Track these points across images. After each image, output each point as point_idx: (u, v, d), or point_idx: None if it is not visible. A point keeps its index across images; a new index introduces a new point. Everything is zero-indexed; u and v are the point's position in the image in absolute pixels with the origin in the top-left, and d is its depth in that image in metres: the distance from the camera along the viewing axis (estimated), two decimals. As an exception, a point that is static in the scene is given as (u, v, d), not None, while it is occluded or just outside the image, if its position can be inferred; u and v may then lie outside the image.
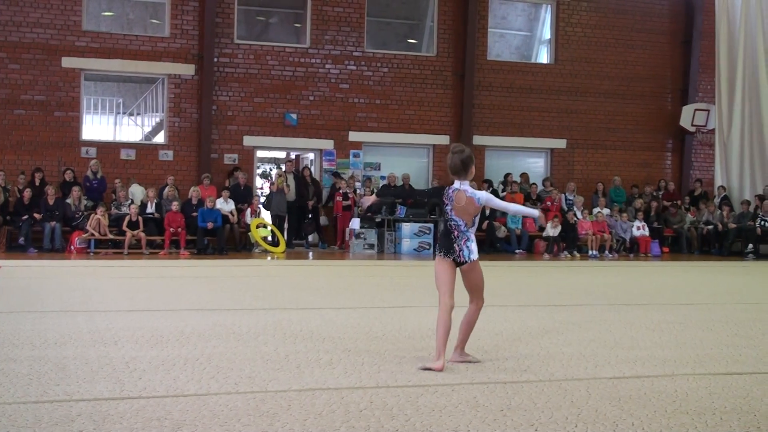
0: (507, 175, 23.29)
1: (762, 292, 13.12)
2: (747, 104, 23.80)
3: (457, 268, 6.38)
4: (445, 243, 6.38)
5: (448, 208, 6.40)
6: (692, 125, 25.12)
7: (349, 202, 21.18)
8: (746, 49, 23.79)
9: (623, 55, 25.09)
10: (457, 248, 6.33)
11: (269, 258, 18.56)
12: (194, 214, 19.22)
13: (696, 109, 25.12)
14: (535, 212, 7.02)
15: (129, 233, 18.43)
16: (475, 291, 6.49)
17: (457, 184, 6.45)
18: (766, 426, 4.84)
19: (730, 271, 16.97)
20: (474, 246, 6.38)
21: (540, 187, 23.39)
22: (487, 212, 20.72)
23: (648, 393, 5.52)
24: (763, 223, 21.25)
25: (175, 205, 19.08)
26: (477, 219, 6.44)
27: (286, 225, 21.27)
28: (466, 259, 6.35)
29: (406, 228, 20.43)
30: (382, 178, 22.83)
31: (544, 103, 24.36)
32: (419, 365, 6.15)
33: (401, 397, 5.27)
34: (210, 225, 18.94)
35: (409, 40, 24.94)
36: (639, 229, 21.99)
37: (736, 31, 24.17)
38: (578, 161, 24.74)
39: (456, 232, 6.35)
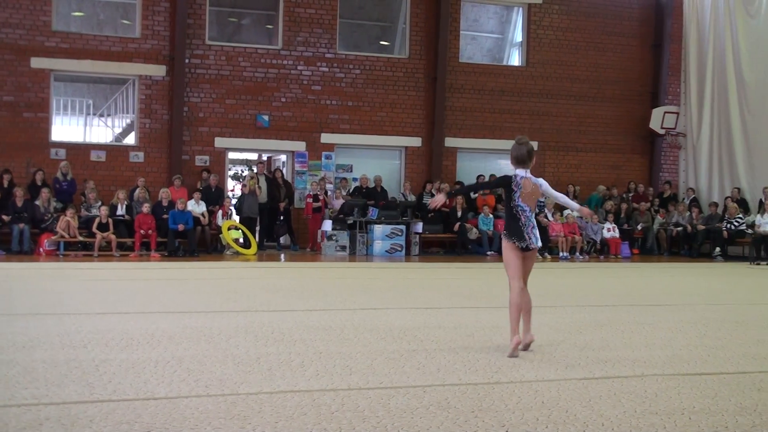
0: (479, 176, 23.34)
1: (730, 293, 13.24)
2: (716, 107, 24.01)
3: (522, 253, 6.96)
4: (515, 230, 6.89)
5: (516, 194, 6.90)
6: (662, 128, 25.31)
7: (319, 204, 21.14)
8: (715, 53, 24.01)
9: (594, 58, 25.24)
10: (527, 237, 6.88)
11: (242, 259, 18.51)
12: (165, 216, 19.10)
13: (666, 112, 25.32)
14: (576, 206, 7.74)
15: (99, 235, 18.29)
16: (528, 275, 7.04)
17: (522, 172, 6.94)
18: (734, 425, 4.89)
19: (699, 273, 17.12)
20: (537, 233, 6.97)
21: (511, 189, 23.44)
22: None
23: (618, 393, 5.55)
24: (729, 225, 21.45)
25: (145, 207, 18.95)
26: (537, 203, 7.06)
27: (257, 227, 21.22)
28: (535, 245, 6.94)
29: (378, 230, 20.43)
30: (354, 180, 22.84)
31: (515, 105, 24.46)
32: (508, 354, 6.71)
33: (373, 399, 5.27)
34: (181, 227, 18.84)
35: (382, 42, 24.96)
36: (609, 230, 22.13)
37: (705, 35, 24.39)
38: (549, 163, 24.85)
39: (523, 218, 6.89)
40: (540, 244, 7.00)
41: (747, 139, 22.97)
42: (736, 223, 21.38)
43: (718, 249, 21.52)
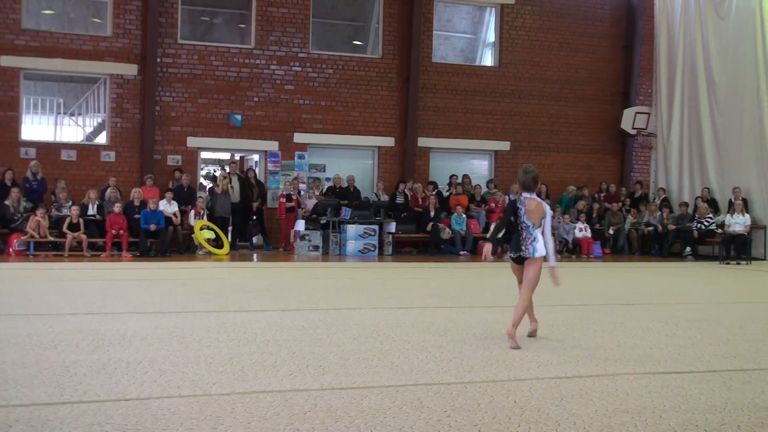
0: (452, 176, 23.41)
1: (700, 292, 13.36)
2: (686, 107, 24.19)
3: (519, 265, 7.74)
4: (513, 243, 7.76)
5: (522, 212, 7.72)
6: (633, 128, 25.48)
7: (292, 204, 21.10)
8: (685, 54, 24.19)
9: (566, 58, 25.37)
10: (523, 247, 7.65)
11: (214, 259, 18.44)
12: (137, 215, 18.98)
13: (637, 112, 25.49)
14: (552, 263, 7.92)
15: (70, 235, 18.14)
16: (527, 284, 7.65)
17: (527, 194, 7.83)
18: (704, 423, 4.93)
19: (670, 272, 17.25)
20: (539, 245, 7.63)
21: (484, 189, 23.55)
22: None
23: (590, 392, 5.59)
24: (699, 225, 21.63)
25: (117, 207, 18.83)
26: (543, 221, 7.70)
27: (230, 226, 21.14)
28: (530, 255, 7.60)
29: (351, 230, 20.42)
30: (327, 179, 22.81)
31: (488, 105, 24.54)
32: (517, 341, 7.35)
33: (345, 399, 5.27)
34: (153, 227, 18.73)
35: (355, 42, 24.95)
36: (581, 230, 22.24)
37: (675, 36, 24.57)
38: (521, 163, 24.78)
39: (524, 233, 7.66)
40: (538, 254, 7.60)
41: (717, 139, 23.15)
42: (706, 223, 21.55)
43: (688, 249, 21.68)
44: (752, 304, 11.67)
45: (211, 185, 22.60)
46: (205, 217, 20.13)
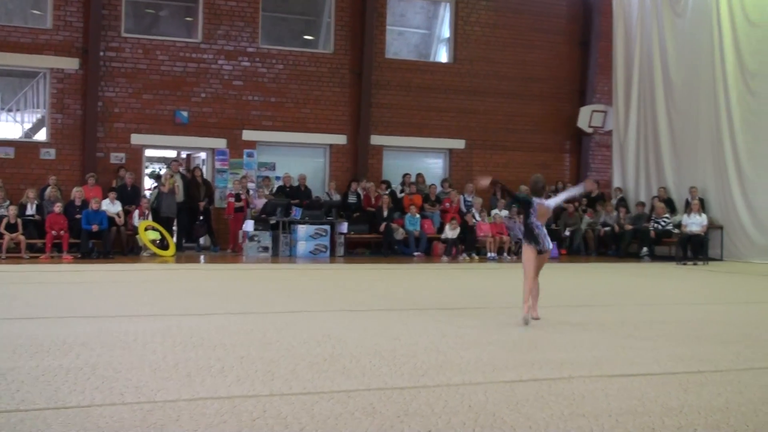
0: (405, 175, 23.44)
1: (657, 293, 13.52)
2: (643, 106, 24.47)
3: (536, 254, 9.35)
4: (531, 237, 9.36)
5: (533, 215, 9.38)
6: (589, 126, 25.74)
7: (241, 204, 20.99)
8: (642, 51, 24.47)
9: (522, 55, 25.54)
10: (542, 242, 9.30)
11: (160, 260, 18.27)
12: (78, 216, 18.74)
13: (593, 111, 25.75)
14: (576, 189, 11.00)
15: (7, 236, 17.86)
16: (540, 270, 9.48)
17: (537, 199, 9.43)
18: (660, 427, 4.99)
19: (627, 273, 17.45)
20: (549, 239, 9.41)
21: (438, 189, 23.62)
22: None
23: (545, 396, 5.62)
24: (656, 225, 21.90)
25: (57, 207, 18.58)
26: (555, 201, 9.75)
27: (174, 227, 20.98)
28: (548, 248, 9.38)
29: (302, 230, 20.35)
30: (277, 178, 22.72)
31: (442, 102, 24.62)
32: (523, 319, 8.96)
33: (296, 405, 5.25)
34: (95, 227, 18.50)
35: (306, 37, 24.88)
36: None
37: (632, 33, 24.84)
38: (477, 162, 25.08)
39: (537, 230, 9.32)
40: (551, 247, 9.47)
41: (673, 138, 23.46)
42: (663, 223, 21.84)
43: (645, 249, 21.94)
44: (709, 305, 11.84)
45: (156, 184, 22.38)
46: (149, 218, 19.94)
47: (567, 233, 23.22)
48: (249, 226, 20.37)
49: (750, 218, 21.21)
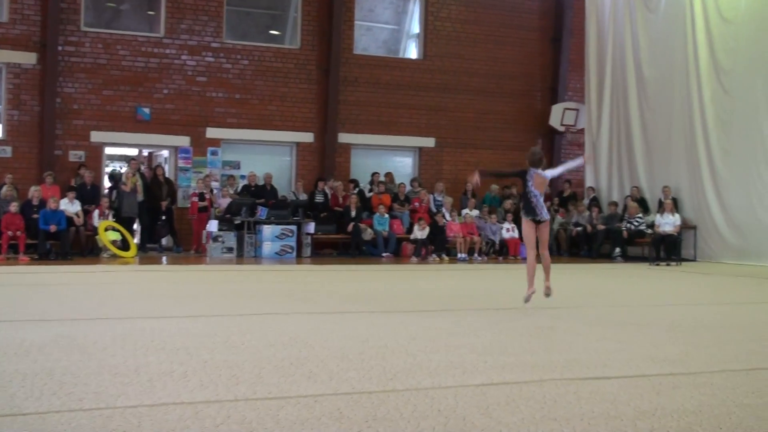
0: (373, 174, 23.44)
1: (629, 294, 13.62)
2: (616, 104, 24.62)
3: (536, 225, 10.32)
4: (529, 209, 10.24)
5: (530, 183, 10.19)
6: (561, 125, 25.87)
7: (205, 203, 20.90)
8: (615, 48, 24.62)
9: (493, 51, 25.63)
10: (538, 212, 10.22)
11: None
12: (35, 215, 18.57)
13: (565, 109, 25.89)
14: (575, 162, 12.38)
15: (-39, 237, 17.68)
16: (544, 242, 10.39)
17: (534, 169, 10.24)
18: (633, 430, 5.03)
19: (599, 274, 17.56)
20: (545, 210, 10.31)
21: (408, 188, 23.64)
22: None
23: (516, 400, 5.64)
24: (629, 225, 22.05)
25: (13, 206, 18.38)
26: (546, 189, 10.61)
27: (135, 227, 20.84)
28: (545, 217, 10.26)
29: (268, 230, 20.29)
30: (242, 177, 22.65)
31: (412, 99, 24.65)
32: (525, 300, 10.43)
33: (261, 411, 5.23)
34: (53, 228, 18.34)
35: (271, 32, 24.81)
36: (508, 231, 22.48)
37: (605, 29, 24.98)
38: (447, 161, 25.14)
39: (533, 200, 10.17)
40: (548, 217, 10.38)
41: (646, 137, 23.62)
42: (635, 223, 21.99)
43: (617, 249, 22.07)
44: (682, 306, 11.95)
45: (111, 184, 22.19)
46: (110, 218, 19.79)
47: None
48: (213, 226, 20.28)
49: (723, 218, 21.36)
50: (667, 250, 20.78)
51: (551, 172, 10.76)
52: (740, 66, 21.27)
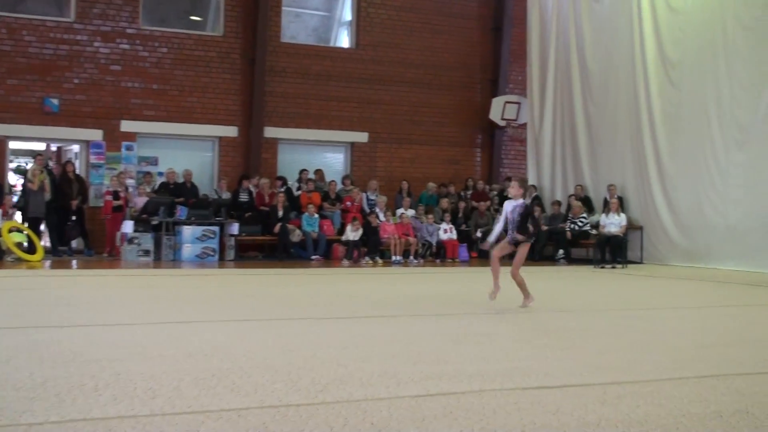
0: (302, 171, 23.40)
1: (573, 298, 13.77)
2: (559, 98, 24.88)
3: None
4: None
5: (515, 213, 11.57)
6: (502, 119, 26.09)
7: (120, 202, 20.66)
8: (558, 38, 24.87)
9: (429, 41, 25.75)
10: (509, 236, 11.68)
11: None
12: (-68, 215, 18.22)
13: (506, 102, 26.11)
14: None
15: None
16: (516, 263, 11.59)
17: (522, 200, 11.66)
18: (576, 443, 5.08)
19: (541, 277, 17.71)
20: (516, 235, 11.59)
21: (339, 186, 23.64)
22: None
23: (454, 411, 5.67)
24: (573, 225, 22.29)
25: None
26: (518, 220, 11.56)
27: (44, 228, 20.54)
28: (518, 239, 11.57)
29: (188, 232, 20.13)
30: (160, 174, 22.44)
31: (343, 91, 24.66)
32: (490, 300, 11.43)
33: (180, 426, 5.18)
34: (-48, 229, 18.01)
35: (192, 18, 24.62)
36: (446, 232, 22.59)
37: (547, 19, 25.23)
38: (381, 157, 25.20)
39: (511, 227, 11.61)
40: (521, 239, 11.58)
41: (591, 132, 23.91)
42: (580, 224, 22.25)
43: (561, 251, 22.32)
44: (627, 311, 12.11)
45: (23, 181, 21.86)
46: (14, 218, 19.46)
47: (479, 234, 23.47)
48: (128, 227, 20.07)
49: (671, 218, 21.69)
50: (613, 251, 21.04)
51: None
52: (688, 58, 21.57)
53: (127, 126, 22.32)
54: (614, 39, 23.33)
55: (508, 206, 11.67)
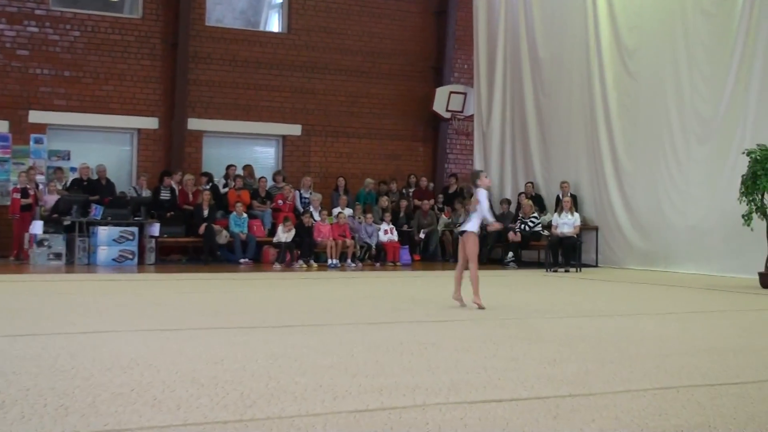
0: (229, 167, 23.30)
1: (523, 305, 13.87)
2: (509, 88, 25.00)
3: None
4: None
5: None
6: (447, 110, 26.19)
7: (29, 201, 20.42)
8: (507, 24, 24.97)
9: (368, 25, 25.78)
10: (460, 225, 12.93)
11: None
12: None
13: (451, 92, 26.21)
14: (491, 220, 13.20)
15: None
16: (465, 255, 12.61)
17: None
18: (527, 460, 5.13)
19: (489, 282, 17.79)
20: (470, 223, 12.64)
21: (270, 183, 23.57)
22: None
23: (395, 427, 5.69)
24: (523, 226, 22.44)
25: None
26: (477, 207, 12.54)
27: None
28: (465, 229, 12.66)
29: (103, 233, 19.94)
30: (73, 170, 22.23)
31: (274, 80, 24.60)
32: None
33: (95, 446, 5.15)
34: None
35: (108, -2, 24.42)
36: (386, 233, 22.62)
37: (495, 2, 25.32)
38: (316, 151, 25.18)
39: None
40: (470, 229, 12.57)
41: (542, 125, 24.05)
42: (530, 224, 22.41)
43: (510, 254, 22.43)
44: (581, 318, 12.23)
45: None
46: None
47: (422, 236, 23.56)
48: (37, 228, 19.84)
49: (628, 218, 21.89)
50: (566, 254, 21.16)
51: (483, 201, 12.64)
52: (646, 45, 21.74)
53: (35, 117, 22.05)
54: (567, 24, 23.49)
55: (483, 195, 12.65)
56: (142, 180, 22.43)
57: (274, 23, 25.84)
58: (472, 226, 12.62)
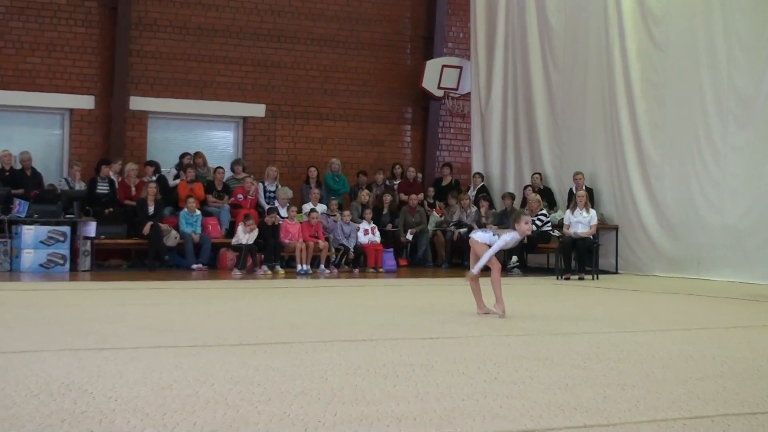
0: (183, 155, 23.24)
1: (529, 318, 13.89)
2: (512, 61, 24.97)
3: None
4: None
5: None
6: (439, 88, 26.16)
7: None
8: (511, -15, 24.98)
9: (345, -14, 25.76)
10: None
11: None
12: None
13: (444, 66, 26.18)
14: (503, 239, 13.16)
15: None
16: (478, 259, 13.13)
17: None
18: (533, 503, 5.14)
19: (490, 291, 17.83)
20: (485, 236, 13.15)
21: (228, 174, 23.53)
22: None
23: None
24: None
25: None
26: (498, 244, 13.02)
27: None
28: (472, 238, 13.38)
29: (29, 234, 19.88)
30: (-8, 158, 22.17)
31: (233, 51, 24.56)
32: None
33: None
34: None
35: (34, -47, 24.35)
36: (367, 233, 22.57)
37: (497, -41, 25.33)
38: (283, 136, 25.15)
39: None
40: (479, 239, 13.03)
41: (552, 104, 24.01)
42: (538, 222, 22.40)
43: (514, 258, 22.41)
44: (598, 334, 12.25)
45: None
46: None
47: (409, 237, 23.53)
48: (-51, 228, 19.81)
49: (654, 216, 21.86)
50: (580, 258, 21.13)
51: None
52: (675, 12, 21.66)
53: (-53, 95, 22.05)
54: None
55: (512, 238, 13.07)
56: (75, 170, 22.32)
57: (232, -17, 25.83)
58: (484, 237, 13.12)
